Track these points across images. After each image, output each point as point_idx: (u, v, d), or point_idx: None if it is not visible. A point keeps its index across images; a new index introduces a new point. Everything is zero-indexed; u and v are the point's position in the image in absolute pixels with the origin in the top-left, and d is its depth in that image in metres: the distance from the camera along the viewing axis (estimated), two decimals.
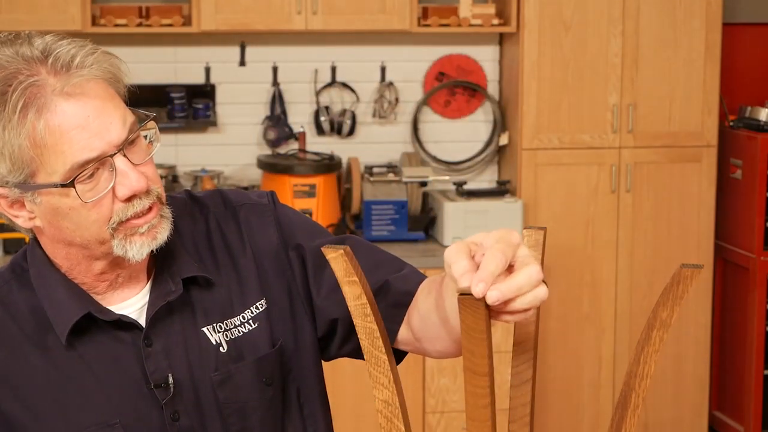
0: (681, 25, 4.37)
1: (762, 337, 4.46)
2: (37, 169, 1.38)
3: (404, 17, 4.25)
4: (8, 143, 1.36)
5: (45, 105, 1.36)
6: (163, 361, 1.49)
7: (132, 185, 1.40)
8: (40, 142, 1.36)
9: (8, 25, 4.09)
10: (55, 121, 1.36)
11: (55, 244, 1.47)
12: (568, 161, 4.36)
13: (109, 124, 1.39)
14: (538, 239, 1.28)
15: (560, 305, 4.40)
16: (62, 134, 1.36)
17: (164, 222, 1.45)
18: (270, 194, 1.64)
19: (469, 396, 1.16)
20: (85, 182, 1.38)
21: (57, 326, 1.47)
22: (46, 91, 1.36)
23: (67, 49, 1.39)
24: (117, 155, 1.39)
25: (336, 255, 1.21)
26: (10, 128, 1.35)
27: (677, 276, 1.18)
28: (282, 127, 4.50)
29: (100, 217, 1.41)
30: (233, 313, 1.55)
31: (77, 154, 1.37)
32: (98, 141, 1.37)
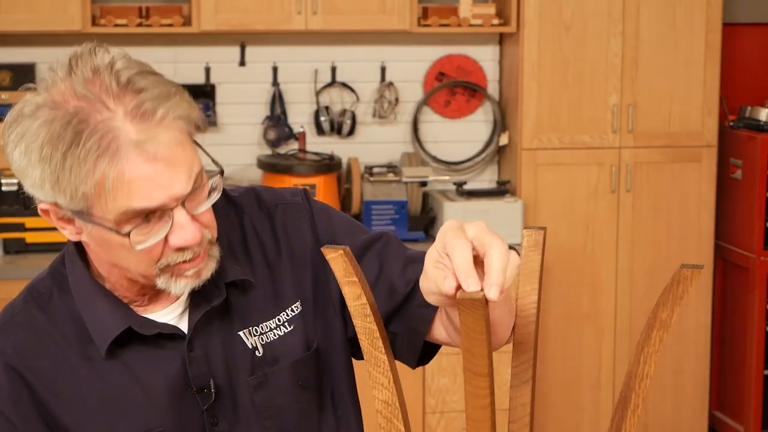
0: (681, 25, 4.37)
1: (762, 337, 4.46)
2: (92, 205, 1.35)
3: (404, 17, 4.25)
4: (72, 183, 1.33)
5: (117, 154, 1.32)
6: (204, 365, 1.49)
7: (186, 239, 1.38)
8: (103, 187, 1.33)
9: (8, 25, 4.09)
10: (123, 171, 1.32)
11: (98, 260, 1.47)
12: (568, 161, 4.36)
13: (176, 180, 1.35)
14: (538, 239, 1.28)
15: (560, 305, 4.40)
16: (127, 183, 1.33)
17: (211, 262, 1.44)
18: (303, 192, 1.62)
19: (469, 396, 1.16)
20: (140, 226, 1.36)
21: (97, 339, 1.46)
22: (120, 139, 1.32)
23: (151, 94, 1.35)
24: (177, 207, 1.37)
25: (336, 255, 1.21)
26: (78, 172, 1.32)
27: (677, 276, 1.18)
28: (282, 127, 4.49)
29: (149, 258, 1.39)
30: (268, 317, 1.54)
31: (136, 202, 1.34)
32: (161, 193, 1.35)
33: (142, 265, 1.40)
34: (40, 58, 4.35)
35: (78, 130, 1.32)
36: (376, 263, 1.56)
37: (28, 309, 1.48)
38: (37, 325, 1.47)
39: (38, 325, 1.47)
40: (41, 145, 1.33)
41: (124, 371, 1.47)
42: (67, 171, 1.32)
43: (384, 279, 1.56)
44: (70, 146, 1.32)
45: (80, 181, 1.32)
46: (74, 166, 1.32)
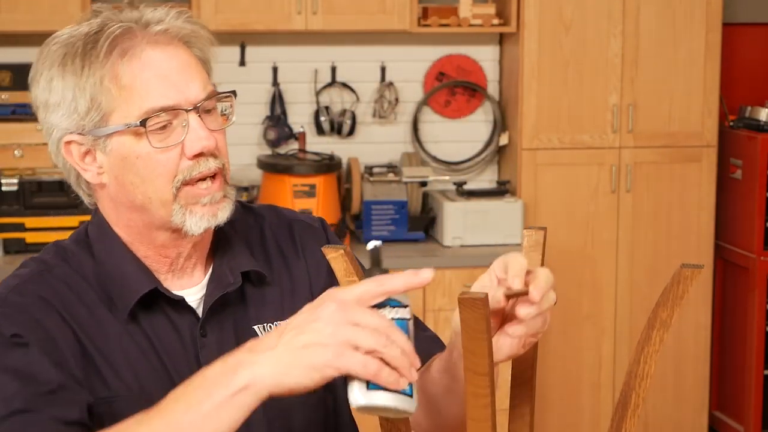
0: (681, 25, 4.37)
1: (762, 337, 4.46)
2: (112, 111, 1.42)
3: (404, 17, 4.25)
4: (90, 78, 1.41)
5: (132, 48, 1.42)
6: (215, 353, 1.48)
7: (201, 141, 1.43)
8: (120, 83, 1.41)
9: (8, 25, 4.09)
10: (138, 65, 1.42)
11: (118, 208, 1.50)
12: (568, 161, 4.36)
13: (190, 82, 1.44)
14: (538, 239, 1.29)
15: (560, 305, 4.40)
16: (143, 78, 1.41)
17: (227, 202, 1.48)
18: (321, 220, 1.68)
19: (469, 396, 1.16)
20: (156, 132, 1.42)
21: (122, 298, 1.48)
22: (136, 37, 1.42)
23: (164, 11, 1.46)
24: (191, 112, 1.44)
25: (336, 255, 1.22)
26: (96, 65, 1.41)
27: (677, 276, 1.18)
28: (282, 127, 4.49)
29: (165, 170, 1.43)
30: (284, 315, 1.55)
31: (153, 100, 1.41)
32: (176, 93, 1.43)
33: (159, 181, 1.44)
34: None
35: (95, 38, 1.42)
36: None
37: (62, 266, 1.51)
38: (70, 279, 1.49)
39: (72, 279, 1.49)
40: (61, 57, 1.43)
41: (144, 338, 1.48)
42: (85, 76, 1.41)
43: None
44: (86, 50, 1.41)
45: (98, 84, 1.41)
46: (92, 67, 1.41)
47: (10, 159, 4.14)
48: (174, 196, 1.44)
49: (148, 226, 1.49)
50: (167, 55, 1.44)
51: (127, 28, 1.43)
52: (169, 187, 1.44)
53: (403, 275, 1.19)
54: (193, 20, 1.49)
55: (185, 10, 1.49)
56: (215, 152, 1.46)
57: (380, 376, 1.16)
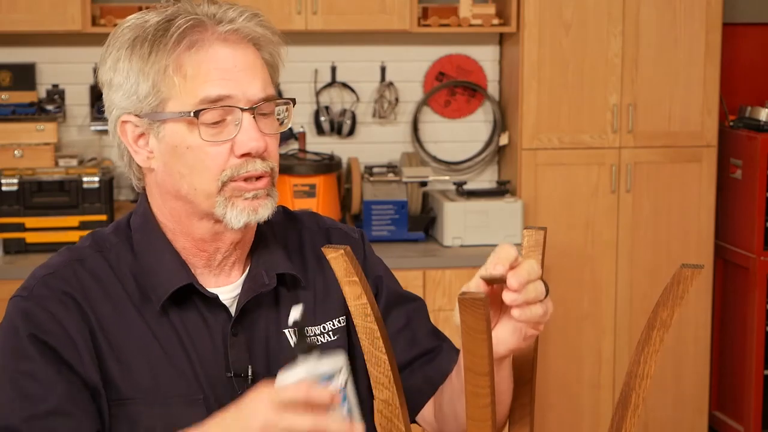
0: (681, 25, 4.37)
1: (762, 337, 4.46)
2: (170, 98, 1.44)
3: (404, 17, 4.25)
4: (155, 65, 1.44)
5: (201, 41, 1.44)
6: (245, 352, 1.51)
7: (251, 142, 1.44)
8: (183, 72, 1.43)
9: (8, 25, 4.09)
10: (204, 57, 1.44)
11: (163, 195, 1.51)
12: (568, 161, 4.36)
13: (251, 80, 1.46)
14: (538, 239, 1.29)
15: (560, 305, 4.40)
16: (205, 69, 1.43)
17: (269, 200, 1.49)
18: (360, 231, 1.70)
19: (469, 396, 1.16)
20: (209, 125, 1.44)
21: (156, 290, 1.49)
22: (206, 32, 1.45)
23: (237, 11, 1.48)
24: (246, 112, 1.45)
25: (336, 255, 1.22)
26: (162, 53, 1.43)
27: (677, 276, 1.18)
28: None
29: (213, 164, 1.45)
30: (315, 322, 1.58)
31: (211, 89, 1.43)
32: (234, 86, 1.44)
33: (206, 174, 1.45)
34: (40, 58, 4.35)
35: (166, 27, 1.44)
36: (404, 318, 1.63)
37: (95, 256, 1.52)
38: (101, 272, 1.50)
39: (102, 272, 1.50)
40: (131, 40, 1.45)
41: (172, 334, 1.49)
42: (151, 62, 1.44)
43: (408, 331, 1.62)
44: (156, 36, 1.44)
45: (161, 72, 1.43)
46: (158, 54, 1.43)
47: (10, 159, 4.14)
48: (219, 189, 1.45)
49: (191, 216, 1.49)
50: (234, 52, 1.45)
51: (198, 21, 1.45)
52: (215, 181, 1.45)
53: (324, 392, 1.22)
54: (265, 24, 1.51)
55: (259, 13, 1.50)
56: (264, 155, 1.47)
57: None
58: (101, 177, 4.04)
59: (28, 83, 4.30)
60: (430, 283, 4.03)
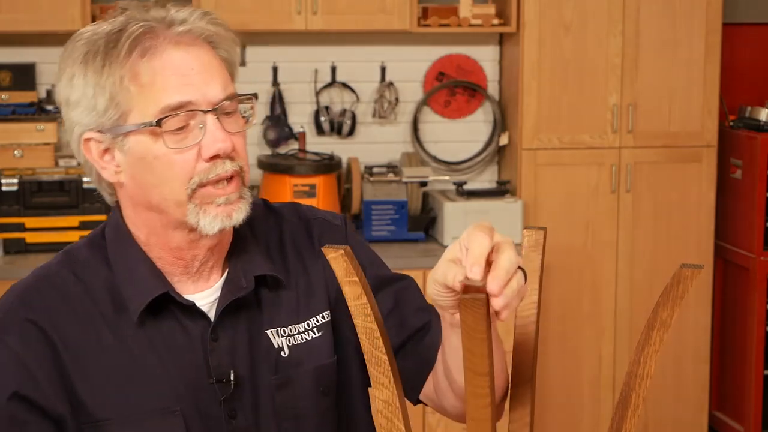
0: (681, 26, 4.37)
1: (762, 337, 4.46)
2: (131, 110, 1.41)
3: (404, 17, 4.25)
4: (111, 78, 1.41)
5: (153, 47, 1.41)
6: (226, 356, 1.50)
7: (218, 144, 1.42)
8: (140, 81, 1.40)
9: (8, 25, 4.09)
10: (159, 63, 1.41)
11: (136, 207, 1.49)
12: (568, 161, 4.36)
13: (210, 81, 1.44)
14: (538, 239, 1.29)
15: (560, 305, 4.40)
16: (162, 76, 1.41)
17: (243, 203, 1.47)
18: (342, 217, 1.67)
19: (469, 396, 1.16)
20: (174, 133, 1.41)
21: (132, 302, 1.47)
22: (158, 37, 1.42)
23: (188, 11, 1.46)
24: (209, 113, 1.43)
25: (336, 255, 1.21)
26: (116, 64, 1.41)
27: (677, 276, 1.18)
28: (282, 127, 4.49)
29: (181, 172, 1.42)
30: (298, 320, 1.56)
31: (170, 97, 1.40)
32: (194, 91, 1.42)
33: (175, 183, 1.43)
34: (40, 58, 4.35)
35: (117, 37, 1.41)
36: (392, 299, 1.60)
37: (63, 273, 1.50)
38: (70, 290, 1.49)
39: (71, 291, 1.49)
40: (83, 55, 1.42)
41: (148, 345, 1.47)
42: (105, 74, 1.41)
43: (397, 314, 1.59)
44: (108, 48, 1.41)
45: (117, 83, 1.40)
46: (112, 66, 1.40)
47: (10, 159, 4.14)
48: (189, 197, 1.43)
49: (165, 226, 1.48)
50: (189, 55, 1.43)
51: (149, 27, 1.42)
52: (184, 188, 1.43)
53: None
54: (217, 21, 1.48)
55: (210, 12, 1.48)
56: (232, 155, 1.45)
57: None
58: None
59: (28, 83, 4.30)
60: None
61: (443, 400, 1.52)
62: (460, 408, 1.49)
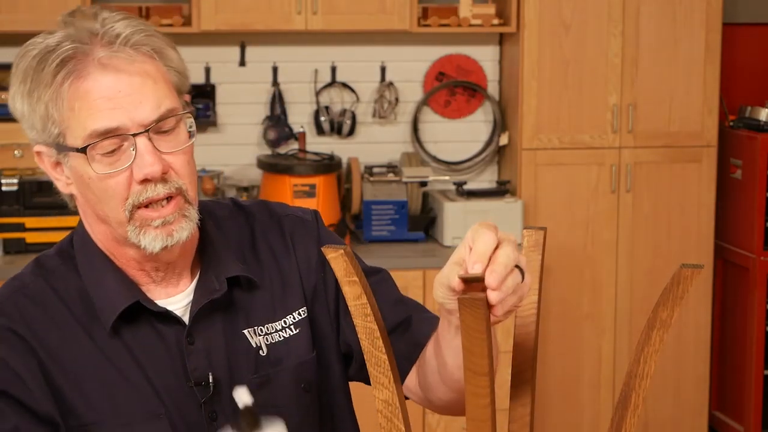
0: (681, 25, 4.37)
1: (762, 337, 4.46)
2: (64, 132, 1.40)
3: (404, 17, 4.25)
4: (40, 102, 1.40)
5: (80, 71, 1.39)
6: (203, 359, 1.49)
7: (146, 168, 1.39)
8: (66, 105, 1.39)
9: (8, 25, 4.09)
10: (84, 87, 1.38)
11: (88, 218, 1.49)
12: (568, 161, 4.36)
13: (139, 103, 1.39)
14: (538, 239, 1.28)
15: (560, 305, 4.40)
16: (87, 100, 1.38)
17: (185, 221, 1.44)
18: (314, 212, 1.65)
19: (469, 396, 1.16)
20: (105, 156, 1.39)
21: (104, 312, 1.46)
22: (87, 59, 1.39)
23: (123, 25, 1.41)
24: (140, 136, 1.39)
25: (336, 255, 1.21)
26: (42, 87, 1.39)
27: (677, 276, 1.18)
28: (282, 127, 4.49)
29: (116, 194, 1.41)
30: (275, 318, 1.55)
31: (97, 122, 1.38)
32: (122, 115, 1.38)
33: (113, 203, 1.41)
34: None
35: (46, 58, 1.40)
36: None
37: (37, 282, 1.49)
38: (45, 299, 1.48)
39: (47, 299, 1.48)
40: (22, 74, 1.41)
41: (125, 352, 1.47)
42: (35, 98, 1.40)
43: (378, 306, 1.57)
44: (37, 71, 1.39)
45: (46, 108, 1.39)
46: (41, 87, 1.39)
47: (10, 159, 4.14)
48: (128, 218, 1.42)
49: (117, 240, 1.47)
50: (117, 77, 1.38)
51: (78, 49, 1.40)
52: (121, 209, 1.41)
53: None
54: (153, 32, 1.44)
55: (142, 23, 1.43)
56: (165, 177, 1.41)
57: None
58: None
59: None
60: (430, 283, 4.03)
61: (430, 393, 1.52)
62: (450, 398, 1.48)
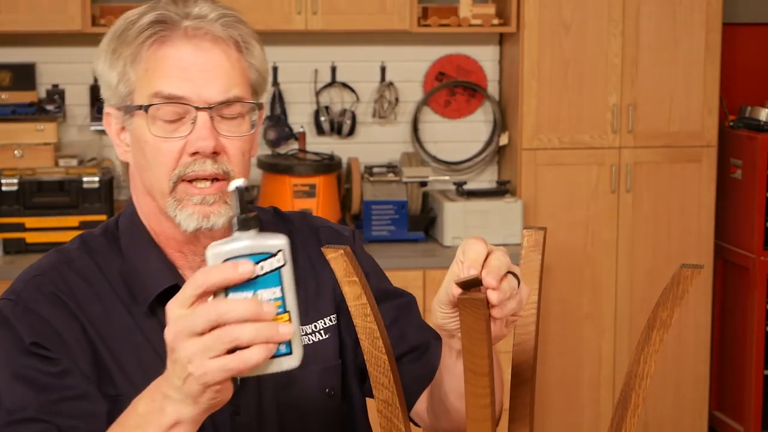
0: (681, 25, 4.37)
1: (762, 337, 4.46)
2: (134, 90, 1.45)
3: (404, 17, 4.25)
4: (122, 56, 1.45)
5: (164, 37, 1.44)
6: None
7: (199, 141, 1.42)
8: (144, 65, 1.43)
9: (8, 25, 4.09)
10: (163, 52, 1.43)
11: (137, 190, 1.51)
12: (568, 161, 4.36)
13: (210, 81, 1.43)
14: (538, 239, 1.29)
15: (560, 305, 4.40)
16: (163, 65, 1.43)
17: (224, 208, 1.45)
18: (353, 231, 1.68)
19: (469, 396, 1.16)
20: (165, 123, 1.43)
21: (143, 291, 1.48)
22: (174, 27, 1.44)
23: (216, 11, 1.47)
24: (201, 111, 1.43)
25: (336, 255, 1.21)
26: (128, 43, 1.45)
27: (677, 276, 1.18)
28: (282, 127, 4.49)
29: (165, 161, 1.44)
30: (306, 320, 1.56)
31: (165, 86, 1.42)
32: (190, 88, 1.42)
33: (160, 170, 1.44)
34: (40, 58, 4.35)
35: (135, 21, 1.45)
36: (393, 313, 1.61)
37: (83, 258, 1.51)
38: (90, 274, 1.50)
39: (91, 274, 1.50)
40: (109, 37, 1.48)
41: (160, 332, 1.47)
42: (118, 53, 1.45)
43: (396, 328, 1.60)
44: (126, 29, 1.45)
45: (126, 63, 1.44)
46: (124, 45, 1.44)
47: (10, 159, 4.14)
48: (171, 190, 1.44)
49: (160, 213, 1.49)
50: (197, 51, 1.43)
51: (168, 17, 1.45)
52: (167, 179, 1.44)
53: (220, 269, 1.12)
54: (242, 23, 1.50)
55: (237, 14, 1.50)
56: (217, 157, 1.44)
57: (245, 363, 1.12)
58: (101, 177, 4.04)
59: (28, 83, 4.30)
60: (430, 283, 4.03)
61: (437, 422, 1.53)
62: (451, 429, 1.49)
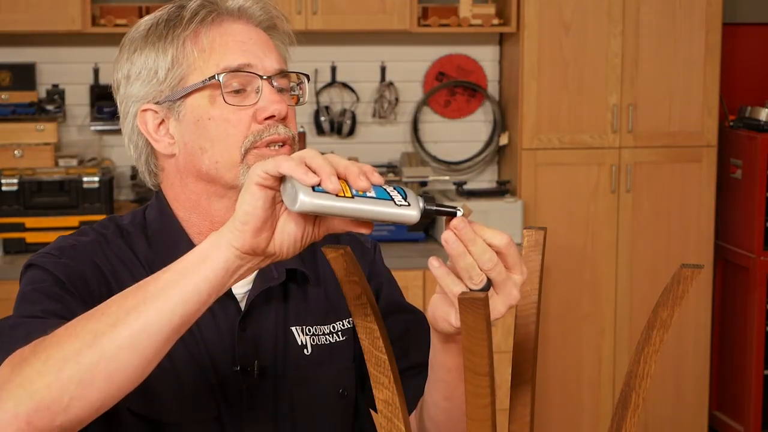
0: (681, 25, 4.37)
1: (762, 337, 4.46)
2: (190, 72, 1.46)
3: (404, 17, 4.25)
4: (173, 42, 1.47)
5: (213, 18, 1.48)
6: (252, 346, 1.52)
7: (274, 104, 1.46)
8: (201, 45, 1.46)
9: (8, 25, 4.09)
10: (219, 30, 1.47)
11: (184, 179, 1.51)
12: (568, 161, 4.36)
13: (267, 53, 1.49)
14: (538, 239, 1.29)
15: (560, 305, 4.40)
16: (222, 41, 1.47)
17: None
18: (375, 243, 1.72)
19: (469, 396, 1.16)
20: (230, 94, 1.45)
21: None
22: (219, 10, 1.49)
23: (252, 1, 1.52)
24: (265, 80, 1.47)
25: (336, 255, 1.21)
26: (178, 30, 1.47)
27: (677, 276, 1.18)
28: None
29: (236, 131, 1.46)
30: (325, 321, 1.58)
31: (231, 58, 1.46)
32: (253, 57, 1.47)
33: (230, 141, 1.45)
34: (40, 58, 4.35)
35: (179, 9, 1.48)
36: (402, 327, 1.62)
37: (117, 241, 1.53)
38: (123, 255, 1.52)
39: (124, 255, 1.52)
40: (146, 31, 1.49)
41: None
42: (168, 39, 1.47)
43: (402, 342, 1.61)
44: (171, 18, 1.48)
45: (180, 46, 1.46)
46: (175, 30, 1.47)
47: (10, 159, 4.14)
48: (242, 158, 1.46)
49: (210, 196, 1.50)
50: (247, 27, 1.50)
51: (209, 3, 1.49)
52: (238, 149, 1.45)
53: (359, 164, 1.21)
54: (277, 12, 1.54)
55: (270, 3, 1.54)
56: (285, 122, 1.48)
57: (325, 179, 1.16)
58: (101, 177, 4.05)
59: (28, 83, 4.30)
60: (430, 283, 4.03)
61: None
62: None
